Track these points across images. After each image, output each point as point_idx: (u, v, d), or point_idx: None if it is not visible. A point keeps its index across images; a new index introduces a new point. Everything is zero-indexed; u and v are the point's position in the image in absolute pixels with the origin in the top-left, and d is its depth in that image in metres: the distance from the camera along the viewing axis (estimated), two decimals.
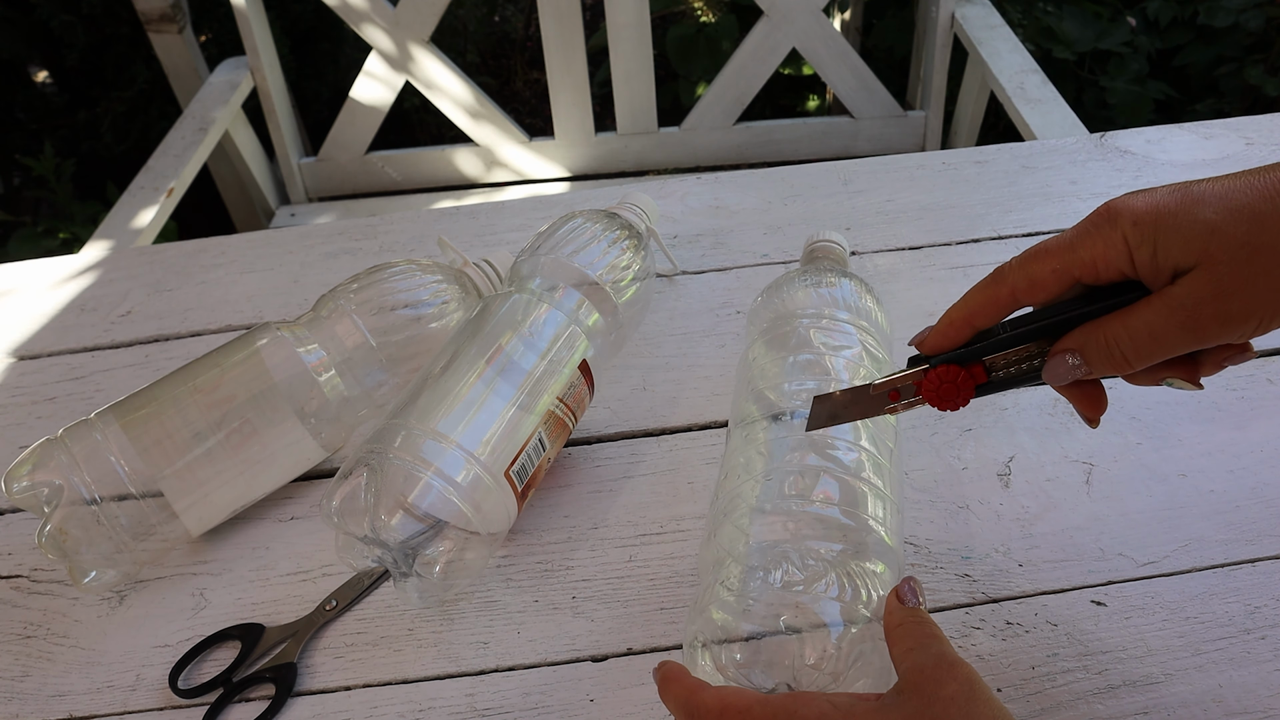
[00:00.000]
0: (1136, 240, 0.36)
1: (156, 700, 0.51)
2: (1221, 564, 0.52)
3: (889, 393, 0.41)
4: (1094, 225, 0.37)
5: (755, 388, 0.53)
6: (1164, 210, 0.35)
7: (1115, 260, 0.36)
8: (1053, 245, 0.38)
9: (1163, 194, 0.36)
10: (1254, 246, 0.34)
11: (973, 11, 1.44)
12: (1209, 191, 0.35)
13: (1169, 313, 0.35)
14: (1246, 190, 0.35)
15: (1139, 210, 0.36)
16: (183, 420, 0.55)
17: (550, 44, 1.44)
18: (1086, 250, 0.37)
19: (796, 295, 0.58)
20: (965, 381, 0.40)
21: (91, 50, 1.80)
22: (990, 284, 0.39)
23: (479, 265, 0.67)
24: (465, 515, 0.49)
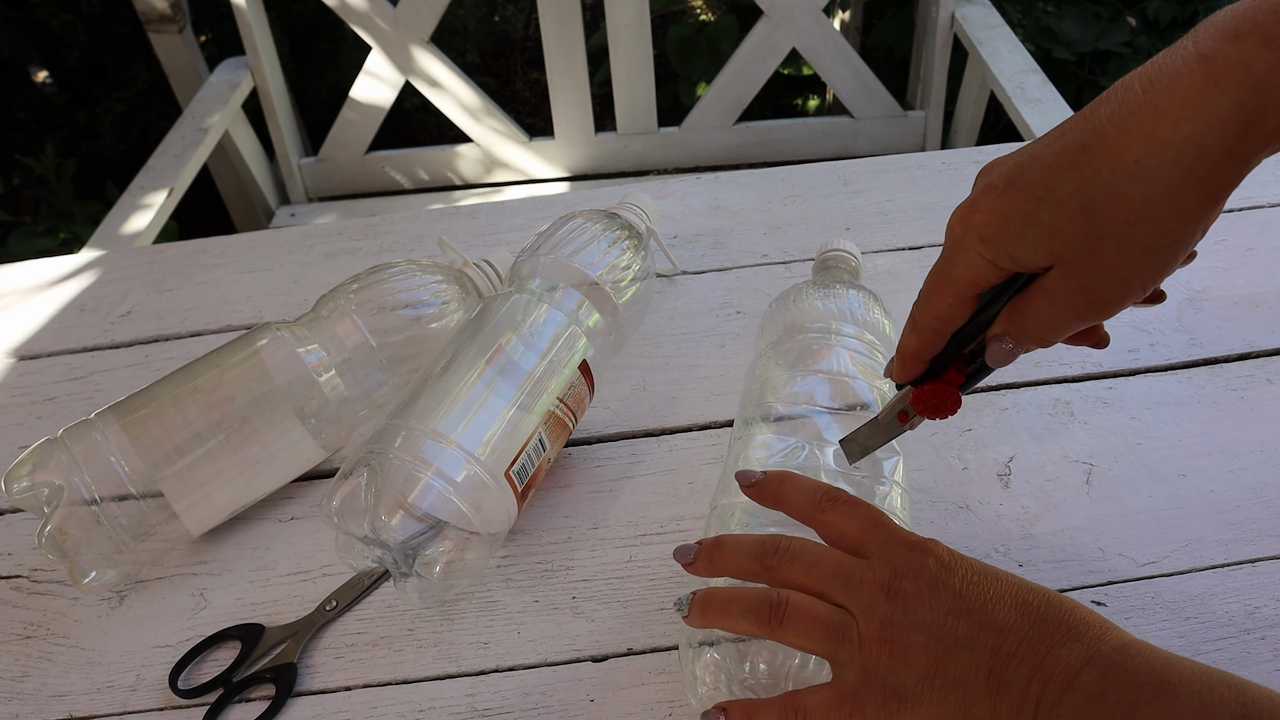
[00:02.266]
0: (991, 255, 0.37)
1: (156, 700, 0.51)
2: (1221, 564, 0.52)
3: (898, 416, 0.46)
4: (952, 250, 0.39)
5: (762, 398, 0.54)
6: (1003, 218, 0.36)
7: (986, 273, 0.38)
8: (934, 282, 0.40)
9: (997, 194, 0.36)
10: (1095, 235, 0.34)
11: (973, 11, 1.44)
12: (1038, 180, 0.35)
13: (1054, 306, 0.37)
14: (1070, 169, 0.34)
15: (981, 226, 0.37)
16: (183, 420, 0.55)
17: (550, 44, 1.44)
18: (961, 277, 0.39)
19: (805, 306, 0.58)
20: (946, 391, 0.43)
21: (91, 50, 1.80)
22: (913, 331, 0.42)
23: (479, 265, 0.67)
24: (465, 515, 0.49)
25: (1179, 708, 0.30)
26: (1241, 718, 0.29)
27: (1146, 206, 0.33)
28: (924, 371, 0.44)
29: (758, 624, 0.39)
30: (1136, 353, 0.64)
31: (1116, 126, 0.33)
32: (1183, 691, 0.31)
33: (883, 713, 0.36)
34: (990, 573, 0.38)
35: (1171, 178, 0.33)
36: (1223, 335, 0.65)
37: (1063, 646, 0.34)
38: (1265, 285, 0.69)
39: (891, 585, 0.38)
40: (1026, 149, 0.37)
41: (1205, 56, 0.32)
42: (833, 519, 0.41)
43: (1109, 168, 0.33)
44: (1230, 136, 0.32)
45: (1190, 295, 0.68)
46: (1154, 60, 0.34)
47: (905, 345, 0.43)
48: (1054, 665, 0.34)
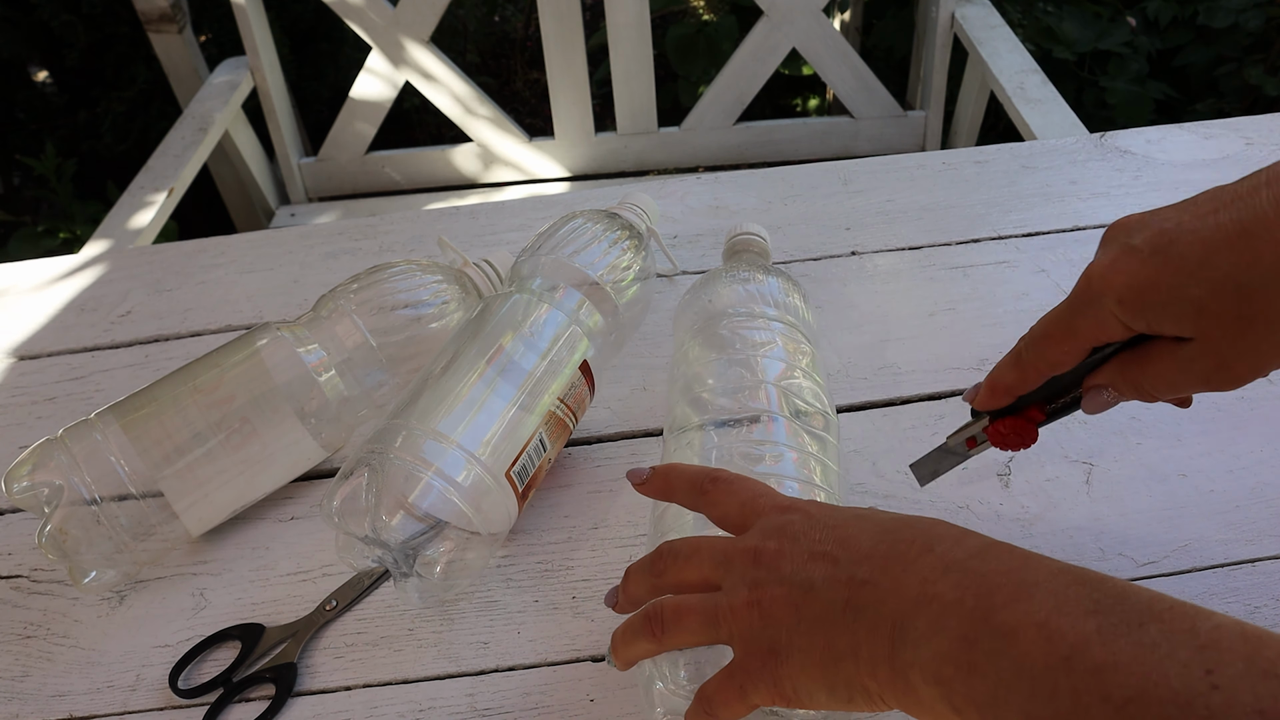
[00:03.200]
0: (1128, 318, 0.38)
1: (156, 700, 0.51)
2: (1221, 564, 0.52)
3: (965, 441, 0.47)
4: (1083, 304, 0.39)
5: (690, 391, 0.53)
6: (1148, 285, 0.37)
7: (1115, 332, 0.39)
8: (1055, 330, 0.41)
9: (1142, 259, 0.37)
10: (1245, 319, 0.36)
11: (973, 11, 1.44)
12: (1189, 254, 0.36)
13: (1181, 372, 0.38)
14: (1226, 250, 0.35)
15: (1120, 287, 0.38)
16: (183, 420, 0.55)
17: (550, 44, 1.44)
18: (1087, 331, 0.40)
19: (724, 293, 0.58)
20: (1027, 428, 0.45)
21: (91, 50, 1.80)
22: (1014, 364, 0.43)
23: (479, 265, 0.67)
24: (466, 515, 0.49)
25: (1035, 606, 0.30)
26: (1093, 611, 0.29)
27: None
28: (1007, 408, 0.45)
29: (649, 640, 0.40)
30: None
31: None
32: (1039, 591, 0.31)
33: (765, 673, 0.36)
34: (857, 514, 0.38)
35: None
36: None
37: (917, 562, 0.34)
38: None
39: (758, 549, 0.38)
40: (1170, 217, 0.38)
41: None
42: (715, 499, 0.42)
43: (1271, 256, 0.34)
44: None
45: None
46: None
47: (1003, 379, 0.44)
48: (908, 582, 0.34)
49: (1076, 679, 0.28)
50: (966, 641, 0.31)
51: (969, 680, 0.31)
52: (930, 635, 0.32)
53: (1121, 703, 0.27)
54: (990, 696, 0.30)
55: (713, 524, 0.43)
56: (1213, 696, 0.26)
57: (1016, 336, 0.44)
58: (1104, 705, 0.27)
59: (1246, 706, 0.25)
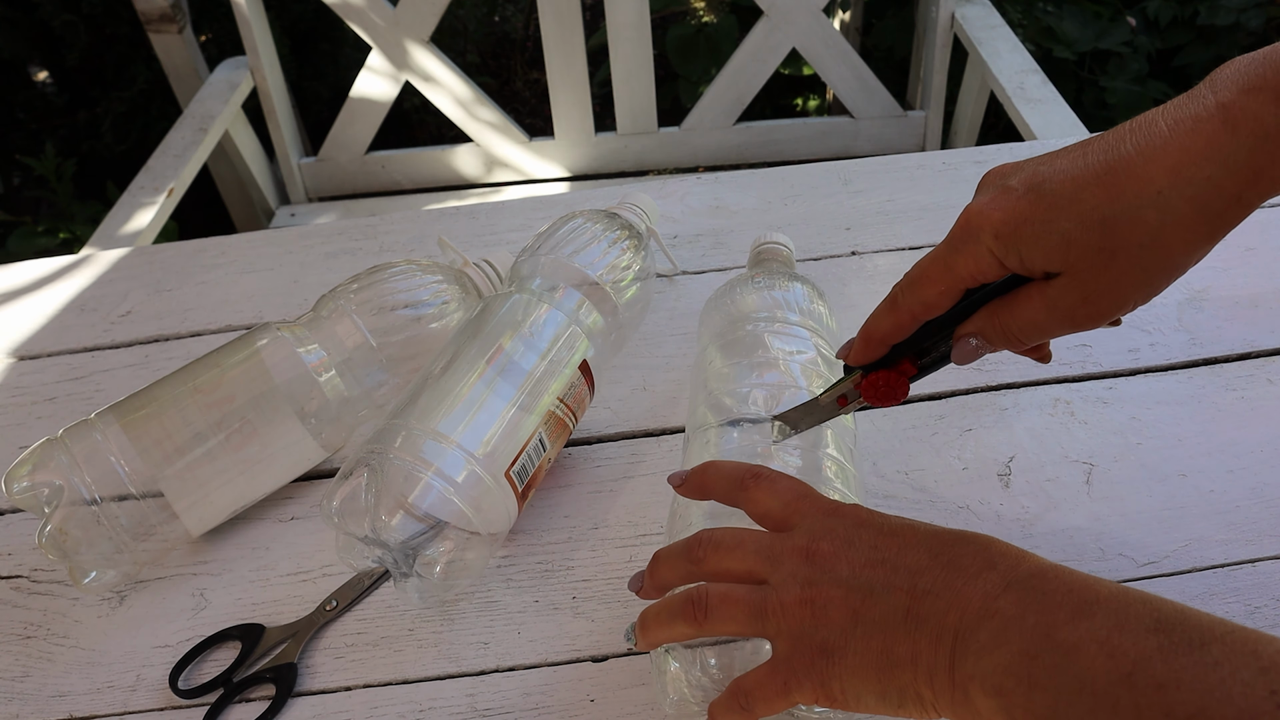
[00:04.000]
0: (1001, 251, 0.39)
1: (157, 700, 0.51)
2: (1221, 564, 0.52)
3: (837, 399, 0.46)
4: (961, 241, 0.40)
5: (712, 394, 0.54)
6: (1021, 220, 0.38)
7: (989, 269, 0.40)
8: (931, 270, 0.41)
9: (1017, 197, 0.39)
10: (1109, 251, 0.37)
11: (973, 11, 1.44)
12: (1060, 190, 0.38)
13: (1048, 310, 0.39)
14: (1094, 186, 0.37)
15: (997, 222, 0.39)
16: (183, 420, 0.55)
17: (550, 44, 1.44)
18: (963, 268, 0.40)
19: (749, 299, 0.58)
20: (898, 380, 0.44)
21: (91, 50, 1.80)
22: (890, 310, 0.43)
23: (479, 265, 0.67)
24: (466, 515, 0.49)
25: (1096, 625, 0.31)
26: (1154, 630, 0.30)
27: (1161, 232, 0.37)
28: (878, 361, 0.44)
29: (687, 624, 0.40)
30: (1136, 353, 0.64)
31: (1143, 157, 0.37)
32: (1099, 609, 0.31)
33: (813, 672, 0.36)
34: (906, 524, 0.39)
35: (1187, 210, 0.36)
36: (1223, 335, 0.65)
37: (979, 577, 0.35)
38: (1265, 285, 0.69)
39: (809, 549, 0.39)
40: (1045, 160, 0.39)
41: (1225, 106, 0.36)
42: (756, 496, 0.42)
43: (1133, 192, 0.37)
44: (1242, 181, 0.36)
45: (1190, 295, 0.68)
46: (1175, 103, 0.38)
47: (877, 327, 0.44)
48: (970, 596, 0.34)
49: (1139, 695, 0.29)
50: (1028, 656, 0.32)
51: (1029, 694, 0.31)
52: (992, 649, 0.33)
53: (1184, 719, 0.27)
54: (1050, 711, 0.31)
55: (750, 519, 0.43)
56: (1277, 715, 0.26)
57: None
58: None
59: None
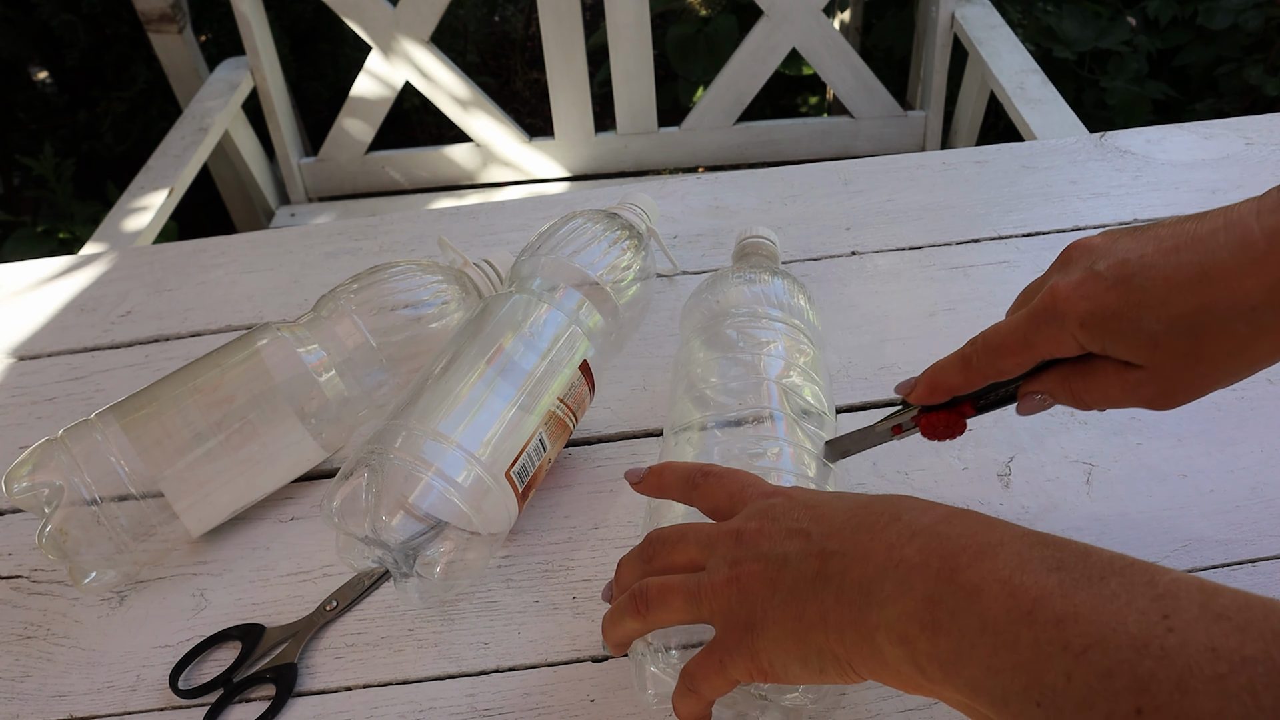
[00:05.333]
0: (1085, 340, 0.40)
1: (157, 701, 0.51)
2: (1221, 564, 0.52)
3: (892, 428, 0.47)
4: (1045, 322, 0.41)
5: (693, 387, 0.54)
6: (1110, 315, 0.39)
7: (1070, 350, 0.41)
8: (1011, 342, 0.42)
9: (1106, 287, 0.39)
10: (1195, 356, 0.38)
11: (973, 11, 1.44)
12: (1151, 289, 0.38)
13: (1124, 392, 0.41)
14: (1187, 292, 0.37)
15: (1084, 313, 0.39)
16: (183, 420, 0.55)
17: (550, 44, 1.44)
18: (1043, 346, 0.41)
19: (730, 293, 0.58)
20: (958, 423, 0.46)
21: (91, 50, 1.80)
22: (962, 369, 0.44)
23: (479, 265, 0.67)
24: (466, 516, 0.49)
25: (998, 565, 0.31)
26: (1056, 568, 0.30)
27: (1251, 345, 0.38)
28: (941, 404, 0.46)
29: (634, 619, 0.41)
30: None
31: (1239, 268, 0.37)
32: (1002, 550, 0.32)
33: (742, 647, 0.37)
34: (834, 496, 0.40)
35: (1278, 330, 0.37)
36: None
37: (885, 530, 0.35)
38: None
39: (739, 530, 0.39)
40: (1132, 245, 0.40)
41: None
42: (706, 492, 0.43)
43: (1226, 304, 0.37)
44: None
45: None
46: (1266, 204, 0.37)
47: (945, 380, 0.45)
48: (875, 549, 0.35)
49: (1038, 630, 0.29)
50: (931, 601, 0.32)
51: (934, 638, 0.32)
52: (896, 597, 0.33)
53: (1080, 650, 0.28)
54: (954, 653, 0.31)
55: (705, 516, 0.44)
56: (1168, 638, 0.27)
57: None
58: (1064, 653, 0.28)
59: (1200, 645, 0.26)
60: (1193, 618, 0.27)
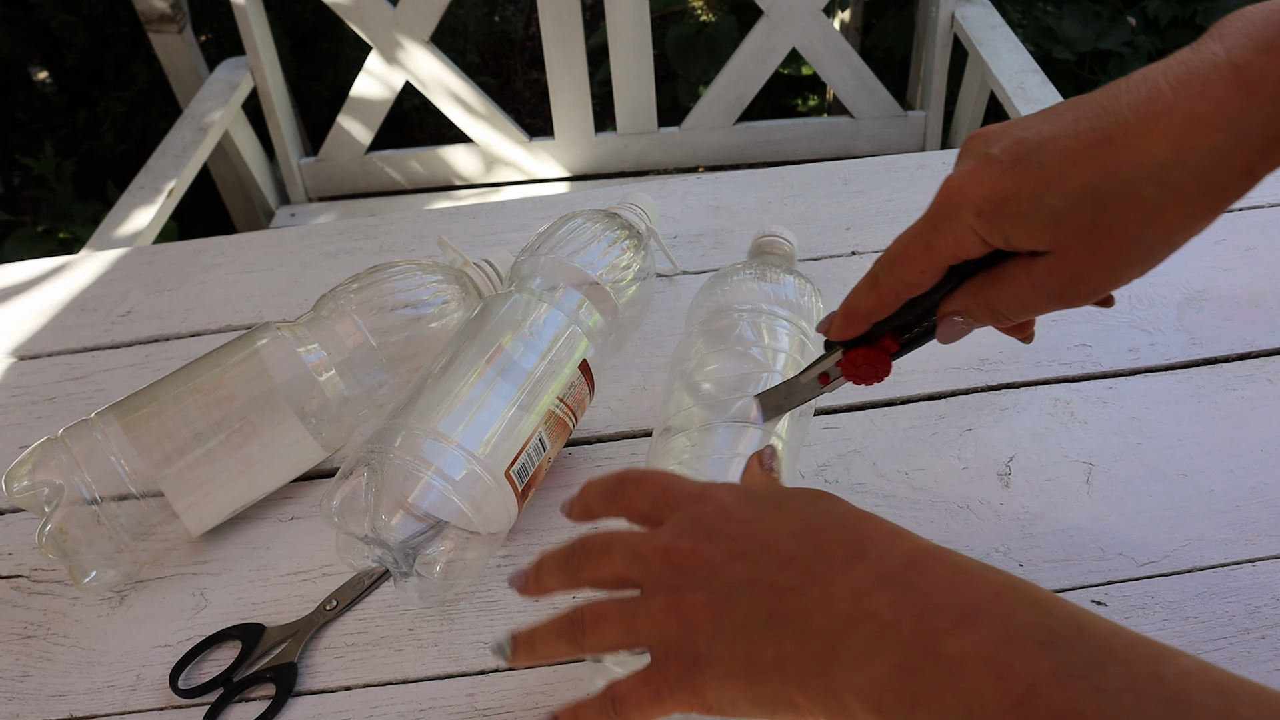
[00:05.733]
0: (984, 230, 0.36)
1: (157, 700, 0.51)
2: (1221, 564, 0.52)
3: (818, 377, 0.45)
4: (941, 219, 0.37)
5: (690, 378, 0.54)
6: (1006, 197, 0.35)
7: (971, 247, 0.37)
8: (911, 247, 0.39)
9: (1002, 169, 0.35)
10: (1103, 229, 0.34)
11: (973, 11, 1.44)
12: (1049, 163, 0.34)
13: (1036, 288, 0.37)
14: (1087, 159, 0.34)
15: (979, 199, 0.36)
16: (183, 420, 0.55)
17: (550, 44, 1.44)
18: (944, 246, 0.38)
19: (740, 289, 0.58)
20: (879, 357, 0.43)
21: (91, 50, 1.79)
22: (871, 288, 0.41)
23: (479, 265, 0.67)
24: (465, 515, 0.49)
25: (982, 636, 0.28)
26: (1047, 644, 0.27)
27: (1161, 208, 0.33)
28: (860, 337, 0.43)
29: (569, 645, 0.38)
30: (1136, 353, 0.64)
31: (1142, 124, 0.33)
32: (984, 615, 0.29)
33: (684, 682, 0.34)
34: (774, 504, 0.37)
35: (1191, 185, 0.33)
36: (1223, 335, 0.65)
37: (847, 570, 0.32)
38: (1265, 285, 0.69)
39: (670, 548, 0.36)
40: (1032, 125, 0.36)
41: (1239, 67, 0.32)
42: (626, 500, 0.40)
43: (1130, 165, 0.33)
44: (1254, 151, 0.32)
45: (1190, 295, 0.68)
46: (1178, 59, 0.33)
47: (859, 304, 0.42)
48: (837, 594, 0.32)
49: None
50: (908, 671, 0.29)
51: (911, 714, 0.29)
52: (867, 658, 0.30)
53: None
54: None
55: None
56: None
57: None
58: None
59: None
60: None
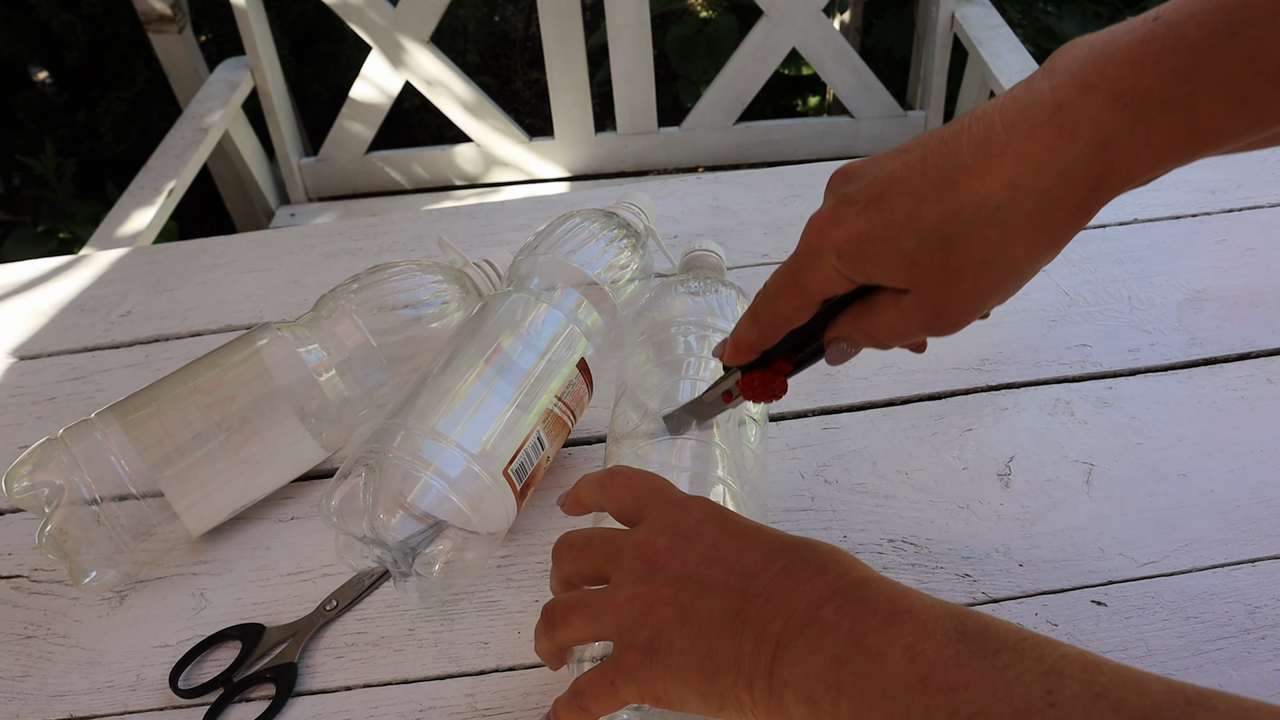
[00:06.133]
0: (847, 269, 0.38)
1: (157, 700, 0.51)
2: (1221, 564, 0.52)
3: (721, 395, 0.47)
4: (806, 259, 0.39)
5: (635, 396, 0.54)
6: (863, 239, 0.37)
7: (838, 284, 0.39)
8: (783, 285, 0.41)
9: (857, 211, 0.37)
10: (953, 269, 0.36)
11: (973, 11, 1.44)
12: (899, 205, 0.36)
13: (903, 319, 0.39)
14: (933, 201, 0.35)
15: (838, 241, 0.38)
16: (183, 420, 0.55)
17: (550, 44, 1.45)
18: (813, 285, 0.40)
19: (676, 304, 0.59)
20: (774, 379, 0.45)
21: (91, 50, 1.80)
22: (753, 323, 0.43)
23: (479, 265, 0.67)
24: (464, 514, 0.49)
25: (904, 632, 0.32)
26: (956, 639, 0.31)
27: (1003, 248, 0.35)
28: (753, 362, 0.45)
29: (545, 637, 0.41)
30: (1136, 353, 0.64)
31: (980, 166, 0.34)
32: (910, 618, 0.32)
33: (640, 671, 0.36)
34: (752, 526, 0.39)
35: (1027, 226, 0.35)
36: (1223, 335, 0.65)
37: (807, 584, 0.35)
38: (1265, 285, 0.69)
39: (647, 544, 0.38)
40: (884, 164, 0.38)
41: (1061, 107, 0.33)
42: (612, 494, 0.42)
43: (971, 208, 0.35)
44: (1082, 190, 0.34)
45: (1190, 295, 0.68)
46: (1014, 96, 0.35)
47: (743, 336, 0.44)
48: (797, 602, 0.34)
49: (930, 697, 0.30)
50: (838, 662, 0.32)
51: (836, 700, 0.32)
52: (806, 655, 0.33)
53: (967, 718, 0.29)
54: (853, 716, 0.32)
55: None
56: (1048, 713, 0.28)
57: (1016, 337, 0.44)
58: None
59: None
60: (1073, 694, 0.28)
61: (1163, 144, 0.33)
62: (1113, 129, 0.33)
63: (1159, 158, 0.33)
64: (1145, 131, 0.32)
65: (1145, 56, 0.32)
